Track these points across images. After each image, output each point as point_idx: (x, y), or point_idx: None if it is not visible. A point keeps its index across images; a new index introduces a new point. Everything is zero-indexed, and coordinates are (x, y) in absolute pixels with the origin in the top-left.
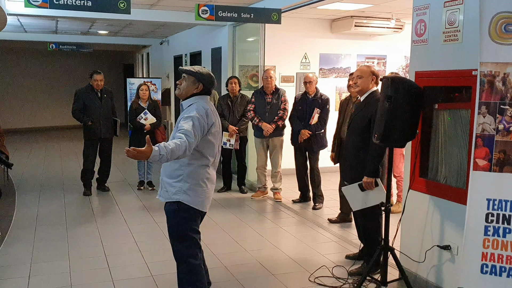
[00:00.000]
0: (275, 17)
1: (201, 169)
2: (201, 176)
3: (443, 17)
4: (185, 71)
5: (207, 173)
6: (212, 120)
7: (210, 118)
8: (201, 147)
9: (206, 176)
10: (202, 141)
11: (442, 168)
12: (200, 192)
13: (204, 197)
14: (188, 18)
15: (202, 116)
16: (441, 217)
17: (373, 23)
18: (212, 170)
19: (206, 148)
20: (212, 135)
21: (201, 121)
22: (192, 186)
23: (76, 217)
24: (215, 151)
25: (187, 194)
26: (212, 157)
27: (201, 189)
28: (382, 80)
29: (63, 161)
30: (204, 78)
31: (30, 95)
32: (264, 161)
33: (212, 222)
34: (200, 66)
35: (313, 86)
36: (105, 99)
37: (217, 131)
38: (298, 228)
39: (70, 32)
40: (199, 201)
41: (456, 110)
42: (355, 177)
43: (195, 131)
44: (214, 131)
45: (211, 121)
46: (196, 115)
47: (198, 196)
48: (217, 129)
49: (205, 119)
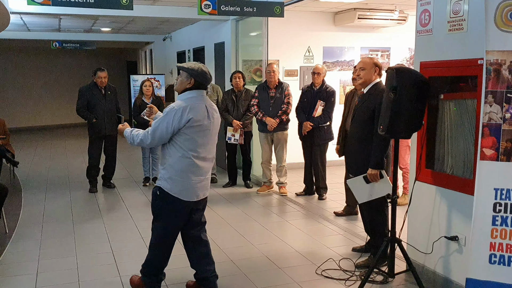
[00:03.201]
0: (278, 10)
1: (182, 161)
2: (182, 167)
3: (447, 6)
4: (179, 67)
5: (191, 165)
6: (189, 116)
7: (188, 114)
8: (178, 140)
9: (189, 168)
10: (179, 135)
11: (448, 158)
12: (178, 182)
13: (183, 187)
14: (191, 13)
15: (176, 113)
16: (448, 208)
17: (376, 15)
18: (200, 162)
19: (184, 141)
20: (191, 130)
21: (169, 120)
22: (172, 176)
23: (82, 214)
24: (198, 145)
25: (167, 182)
26: (193, 151)
27: (180, 179)
28: (386, 71)
29: (68, 158)
30: (195, 73)
31: (34, 94)
32: (269, 155)
33: (218, 216)
34: (196, 62)
35: (321, 78)
36: (109, 96)
37: (200, 125)
38: (304, 222)
39: (73, 30)
40: (178, 190)
41: (462, 100)
42: (360, 169)
43: (157, 131)
44: (196, 125)
45: (187, 117)
46: (165, 116)
47: (177, 186)
48: (201, 123)
49: (178, 115)
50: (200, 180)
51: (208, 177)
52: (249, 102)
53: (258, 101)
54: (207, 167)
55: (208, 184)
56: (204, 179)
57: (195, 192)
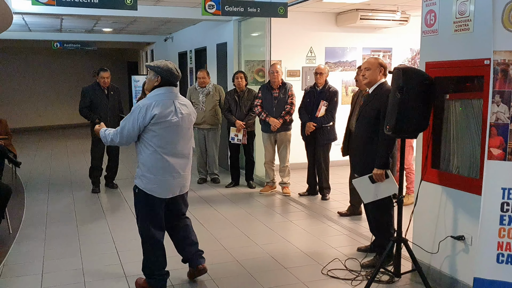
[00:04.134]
0: (282, 10)
1: (152, 158)
2: (152, 164)
3: (453, 7)
4: (147, 66)
5: (161, 161)
6: (153, 113)
7: (152, 110)
8: (146, 137)
9: (159, 165)
10: (146, 132)
11: (454, 158)
12: (150, 179)
13: (156, 184)
14: (194, 13)
15: (141, 110)
16: (454, 208)
17: (378, 15)
18: (172, 158)
19: (151, 138)
20: (157, 126)
21: (134, 117)
22: (144, 173)
23: (86, 214)
24: (166, 141)
25: (140, 180)
26: (161, 147)
27: (152, 176)
28: (392, 71)
29: (70, 159)
30: (161, 71)
31: (35, 94)
32: (272, 155)
33: (222, 216)
34: (162, 60)
35: (323, 78)
36: (112, 96)
37: (166, 121)
38: (308, 222)
39: (74, 30)
40: (150, 187)
41: (468, 100)
42: (365, 169)
43: (124, 129)
44: (161, 122)
45: (151, 113)
46: (131, 114)
47: (149, 182)
48: (167, 119)
49: (142, 112)
50: (174, 177)
51: (184, 174)
52: (252, 102)
53: (261, 102)
54: (181, 163)
55: (185, 181)
56: (179, 176)
57: (170, 189)
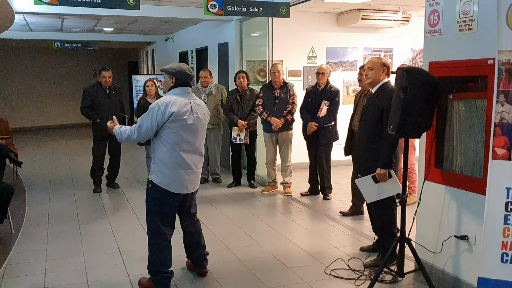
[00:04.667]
0: (284, 10)
1: (169, 154)
2: (169, 160)
3: (457, 7)
4: (162, 70)
5: (177, 157)
6: (172, 110)
7: (170, 108)
8: (164, 134)
9: (175, 161)
10: (163, 129)
11: (458, 158)
12: (167, 175)
13: (172, 180)
14: (196, 13)
15: (160, 107)
16: (457, 207)
17: (379, 15)
18: (187, 155)
19: (169, 135)
20: (174, 124)
21: (153, 115)
22: (161, 169)
23: (88, 214)
24: (183, 139)
25: (157, 175)
26: (178, 145)
27: (167, 171)
28: (396, 71)
29: (71, 158)
30: (175, 72)
31: (36, 94)
32: (273, 155)
33: (224, 216)
34: (176, 63)
35: (325, 78)
36: (114, 96)
37: (184, 119)
38: (310, 222)
39: (75, 30)
40: (167, 182)
41: (471, 100)
42: (368, 169)
43: (142, 126)
44: (179, 120)
45: (170, 111)
46: (150, 111)
47: (166, 178)
48: (184, 117)
49: (161, 110)
50: (188, 173)
51: (197, 171)
52: (253, 101)
53: (263, 101)
54: (195, 161)
55: (197, 178)
56: (193, 172)
57: (185, 185)
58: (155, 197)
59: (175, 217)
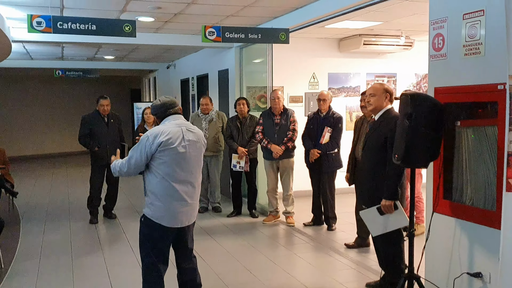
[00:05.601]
0: (283, 37)
1: (161, 185)
2: (161, 191)
3: (462, 30)
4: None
5: (169, 188)
6: (160, 140)
7: (158, 138)
8: (154, 165)
9: (167, 192)
10: (153, 159)
11: (468, 189)
12: (159, 207)
13: (165, 213)
14: (195, 41)
15: (148, 138)
16: (469, 242)
17: (382, 41)
18: (180, 186)
19: (159, 165)
20: (164, 153)
21: (142, 146)
22: (153, 201)
23: (82, 247)
24: (174, 169)
25: (149, 208)
26: (169, 174)
27: (161, 204)
28: (400, 97)
29: (69, 188)
30: (152, 110)
31: (36, 122)
32: (274, 183)
33: (223, 249)
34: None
35: (327, 104)
36: (112, 124)
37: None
38: (313, 255)
39: (76, 58)
40: (159, 216)
41: (481, 127)
42: (373, 200)
43: (132, 158)
44: (168, 149)
45: (158, 141)
46: (139, 143)
47: (158, 211)
48: (174, 146)
49: (149, 141)
50: (182, 205)
51: (192, 202)
52: (254, 128)
53: (263, 128)
54: (190, 192)
55: (192, 210)
56: (187, 204)
57: (178, 218)
58: (147, 231)
59: (168, 253)
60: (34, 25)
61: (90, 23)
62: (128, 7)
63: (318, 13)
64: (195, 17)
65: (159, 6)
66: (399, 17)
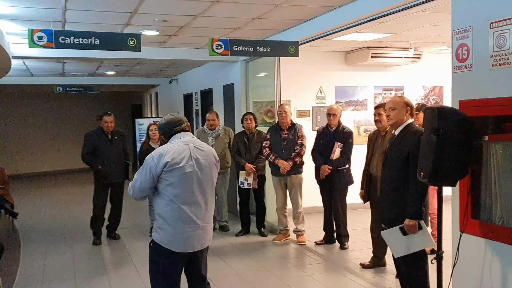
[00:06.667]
0: (293, 49)
1: (168, 208)
2: (169, 215)
3: (489, 40)
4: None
5: (178, 211)
6: (165, 160)
7: (164, 158)
8: (161, 187)
9: (174, 215)
10: (160, 181)
11: (497, 207)
12: (168, 231)
13: (174, 237)
14: (200, 55)
15: (153, 159)
16: (501, 264)
17: (390, 53)
18: (189, 208)
19: (166, 187)
20: (170, 174)
21: (147, 168)
22: (161, 225)
23: (86, 270)
24: (182, 190)
25: (157, 233)
26: (177, 196)
27: (168, 227)
28: (425, 111)
29: (72, 207)
30: (159, 129)
31: (37, 139)
32: (283, 201)
33: (232, 270)
34: (164, 117)
35: (337, 119)
36: (116, 142)
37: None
38: (327, 276)
39: (77, 74)
40: (168, 241)
41: (511, 141)
42: (395, 219)
43: (137, 181)
44: (174, 169)
45: (164, 161)
46: (144, 164)
47: (167, 235)
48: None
49: (154, 161)
50: (193, 229)
51: (204, 225)
52: (261, 144)
53: (270, 143)
54: (201, 214)
55: (206, 234)
56: (198, 227)
57: (189, 242)
58: (157, 258)
59: (180, 280)
60: (35, 40)
61: (93, 37)
62: (133, 21)
63: (327, 26)
64: (201, 30)
65: (165, 19)
66: (409, 28)
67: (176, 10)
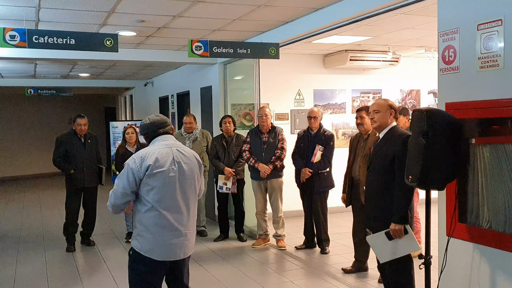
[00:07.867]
0: (273, 51)
1: (150, 214)
2: (150, 221)
3: (477, 41)
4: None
5: (160, 218)
6: (147, 163)
7: (146, 161)
8: (142, 192)
9: (155, 222)
10: (141, 186)
11: (484, 211)
12: (148, 239)
13: (155, 245)
14: (177, 56)
15: (135, 161)
16: (490, 269)
17: (368, 56)
18: (172, 214)
19: (147, 192)
20: (152, 178)
21: (129, 171)
22: (140, 232)
23: (59, 278)
24: (164, 195)
25: (137, 240)
26: (158, 202)
27: (150, 235)
28: (413, 114)
29: (43, 213)
30: (141, 129)
31: (7, 143)
32: (263, 205)
33: (211, 277)
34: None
35: (318, 121)
36: (89, 145)
37: (162, 172)
38: (308, 281)
39: (49, 76)
40: (148, 248)
41: (499, 144)
42: (381, 224)
43: (118, 187)
44: (156, 172)
45: (146, 164)
46: (125, 169)
47: (147, 243)
48: (163, 169)
49: (137, 164)
50: (175, 236)
51: (187, 232)
52: (240, 148)
53: (250, 147)
54: (182, 219)
55: (188, 242)
56: (181, 234)
57: (171, 250)
58: (136, 266)
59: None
60: (7, 39)
61: (68, 37)
62: (109, 21)
63: (307, 28)
64: (179, 31)
65: (143, 19)
66: (388, 31)
67: (155, 10)
